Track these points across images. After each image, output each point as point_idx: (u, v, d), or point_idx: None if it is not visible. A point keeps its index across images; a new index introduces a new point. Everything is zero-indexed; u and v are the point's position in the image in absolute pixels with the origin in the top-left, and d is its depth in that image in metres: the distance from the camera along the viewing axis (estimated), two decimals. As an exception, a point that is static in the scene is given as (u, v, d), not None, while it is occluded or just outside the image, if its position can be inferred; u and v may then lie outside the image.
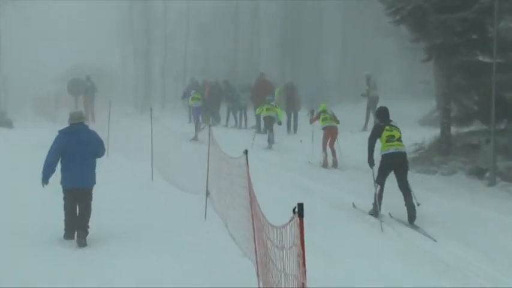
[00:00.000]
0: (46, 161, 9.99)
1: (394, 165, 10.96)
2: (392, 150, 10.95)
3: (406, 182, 10.87)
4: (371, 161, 11.08)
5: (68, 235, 9.94)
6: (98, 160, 10.31)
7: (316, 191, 13.44)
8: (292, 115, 23.98)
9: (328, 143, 16.86)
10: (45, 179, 9.94)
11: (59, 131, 10.19)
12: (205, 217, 11.01)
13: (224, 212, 10.32)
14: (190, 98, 24.36)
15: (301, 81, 33.13)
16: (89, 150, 10.00)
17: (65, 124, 10.45)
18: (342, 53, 38.38)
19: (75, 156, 9.84)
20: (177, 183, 13.62)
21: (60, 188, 10.05)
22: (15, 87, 45.55)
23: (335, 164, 16.70)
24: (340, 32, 38.08)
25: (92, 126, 12.86)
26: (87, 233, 9.93)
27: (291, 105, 24.13)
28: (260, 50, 44.88)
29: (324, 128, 17.09)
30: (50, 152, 9.98)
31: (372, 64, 30.13)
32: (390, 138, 10.98)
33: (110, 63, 55.52)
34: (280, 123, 21.11)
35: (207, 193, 11.27)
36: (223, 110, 27.59)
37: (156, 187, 14.02)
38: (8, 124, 27.75)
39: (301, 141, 19.85)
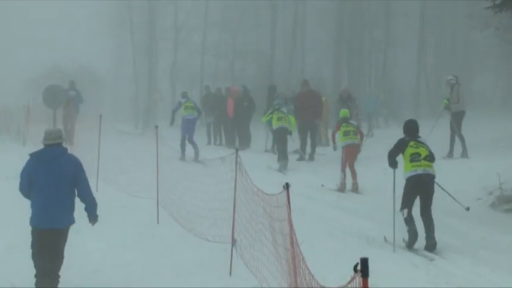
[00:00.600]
0: (20, 190, 10.39)
1: (420, 189, 12.44)
2: (420, 171, 12.37)
3: (430, 210, 12.42)
4: (393, 164, 12.94)
5: (42, 283, 10.17)
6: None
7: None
8: None
9: (348, 163, 18.08)
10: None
11: (30, 155, 10.43)
12: (230, 273, 11.10)
13: (257, 268, 10.39)
14: (182, 108, 25.20)
15: (361, 89, 33.26)
16: (64, 182, 10.22)
17: (38, 146, 10.69)
18: (419, 51, 38.42)
19: (46, 188, 10.12)
20: (192, 227, 13.69)
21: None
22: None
23: (355, 188, 17.94)
24: (416, 22, 38.14)
25: (73, 150, 13.09)
26: (56, 283, 10.22)
27: None
28: (305, 47, 45.07)
29: (344, 147, 18.28)
30: (20, 182, 10.35)
31: (461, 66, 30.11)
32: (416, 157, 12.42)
33: (100, 64, 56.31)
34: (290, 133, 22.19)
35: (234, 242, 11.37)
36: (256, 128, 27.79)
37: (163, 233, 14.08)
38: (-37, 146, 28.17)
39: (322, 185, 19.59)
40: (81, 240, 12.66)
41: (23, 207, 10.88)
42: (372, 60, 41.16)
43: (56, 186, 10.11)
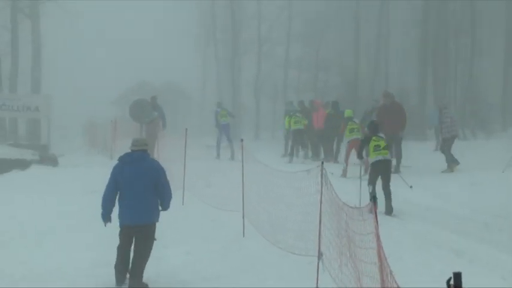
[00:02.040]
0: (103, 194, 11.24)
1: (381, 171, 16.82)
2: (380, 158, 16.82)
3: (389, 185, 16.77)
4: (361, 156, 17.64)
5: (118, 279, 11.00)
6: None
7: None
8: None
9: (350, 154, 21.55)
10: (103, 217, 11.30)
11: (118, 158, 11.44)
12: (316, 287, 11.04)
13: (344, 281, 10.31)
14: (219, 116, 29.94)
15: (447, 100, 32.80)
16: (146, 182, 11.01)
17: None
18: (505, 60, 37.71)
19: (130, 189, 11.03)
20: (277, 240, 13.67)
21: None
22: (60, 112, 47.24)
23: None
24: (503, 30, 37.46)
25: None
26: (140, 283, 10.80)
27: None
28: (389, 57, 44.74)
29: (350, 141, 21.98)
30: (107, 183, 11.27)
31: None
32: (377, 148, 16.86)
33: (186, 79, 56.99)
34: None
35: (320, 255, 11.30)
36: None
37: (249, 246, 14.08)
38: (52, 161, 28.90)
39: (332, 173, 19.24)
40: (169, 254, 12.82)
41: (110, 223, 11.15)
42: (457, 70, 40.55)
43: (139, 186, 10.96)
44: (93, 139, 39.37)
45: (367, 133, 18.03)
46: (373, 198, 8.43)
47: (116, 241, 11.21)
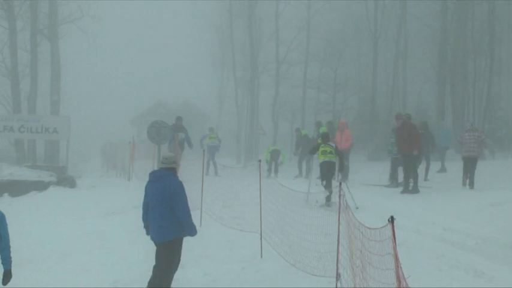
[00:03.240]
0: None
1: (326, 169, 21.21)
2: (326, 159, 21.29)
3: (331, 182, 20.85)
4: (312, 153, 22.40)
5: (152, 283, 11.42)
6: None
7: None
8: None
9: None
10: (146, 232, 11.81)
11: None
12: (335, 310, 11.02)
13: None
14: (207, 138, 32.43)
15: (465, 118, 32.71)
16: (162, 200, 11.31)
17: (143, 180, 11.37)
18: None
19: (152, 205, 11.47)
20: (296, 261, 13.66)
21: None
22: (78, 133, 47.47)
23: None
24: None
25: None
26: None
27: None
28: (407, 77, 44.75)
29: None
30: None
31: None
32: (324, 152, 21.38)
33: (204, 100, 57.23)
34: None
35: (338, 276, 11.28)
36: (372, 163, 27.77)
37: (267, 267, 14.07)
38: (70, 183, 28.99)
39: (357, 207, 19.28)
40: (187, 275, 12.84)
41: (129, 243, 11.18)
42: (475, 89, 40.46)
43: (157, 203, 11.34)
44: (111, 160, 39.53)
45: (320, 142, 22.34)
46: (391, 218, 8.40)
47: (137, 260, 11.26)
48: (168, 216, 11.24)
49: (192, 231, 11.44)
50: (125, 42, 62.83)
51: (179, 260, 11.56)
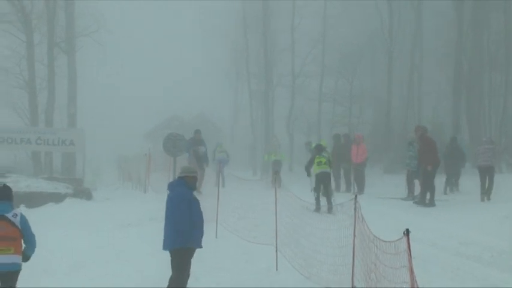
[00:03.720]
0: None
1: (322, 180, 22.37)
2: (322, 170, 22.50)
3: (330, 190, 22.51)
4: (308, 172, 23.65)
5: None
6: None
7: None
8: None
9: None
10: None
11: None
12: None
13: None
14: (216, 152, 32.42)
15: (481, 134, 32.61)
16: (173, 210, 11.55)
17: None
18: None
19: (166, 214, 11.71)
20: (311, 274, 13.66)
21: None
22: (95, 144, 47.59)
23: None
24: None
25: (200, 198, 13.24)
26: None
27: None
28: (423, 91, 44.69)
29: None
30: None
31: None
32: (319, 163, 22.63)
33: (218, 112, 57.27)
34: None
35: (354, 290, 11.30)
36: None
37: (282, 280, 14.06)
38: (87, 195, 29.09)
39: None
40: (201, 286, 12.86)
41: (145, 255, 11.23)
42: (491, 104, 40.31)
43: (169, 212, 11.64)
44: (127, 172, 39.65)
45: (314, 153, 23.69)
46: (406, 231, 8.42)
47: (153, 273, 11.30)
48: (176, 225, 11.42)
49: (200, 238, 11.66)
50: (138, 55, 63.03)
51: (189, 269, 11.66)
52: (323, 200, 21.95)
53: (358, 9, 45.49)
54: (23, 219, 10.75)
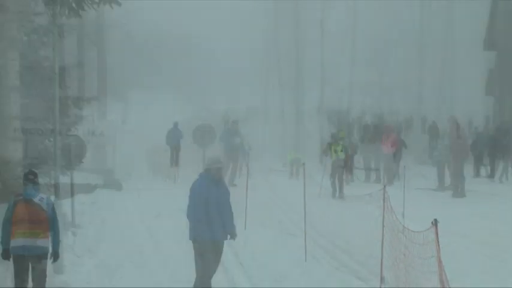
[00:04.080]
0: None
1: (337, 166, 23.86)
2: (337, 157, 24.04)
3: (342, 177, 24.06)
4: (326, 154, 25.61)
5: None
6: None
7: None
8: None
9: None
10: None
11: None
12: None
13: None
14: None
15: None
16: (219, 201, 11.28)
17: (189, 183, 11.39)
18: None
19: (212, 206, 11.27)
20: (340, 264, 13.66)
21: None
22: (125, 137, 47.65)
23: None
24: None
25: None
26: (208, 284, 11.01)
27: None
28: (455, 82, 44.38)
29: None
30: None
31: None
32: (336, 151, 24.18)
33: (248, 103, 57.17)
34: None
35: (382, 279, 11.29)
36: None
37: (312, 270, 14.06)
38: (117, 185, 29.21)
39: None
40: (229, 277, 12.88)
41: (175, 243, 11.26)
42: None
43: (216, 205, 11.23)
44: (157, 164, 39.71)
45: (331, 141, 25.45)
46: (435, 221, 8.41)
47: (186, 261, 11.32)
48: (198, 216, 11.21)
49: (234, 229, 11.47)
50: (167, 45, 62.96)
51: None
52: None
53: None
54: (49, 203, 10.73)
